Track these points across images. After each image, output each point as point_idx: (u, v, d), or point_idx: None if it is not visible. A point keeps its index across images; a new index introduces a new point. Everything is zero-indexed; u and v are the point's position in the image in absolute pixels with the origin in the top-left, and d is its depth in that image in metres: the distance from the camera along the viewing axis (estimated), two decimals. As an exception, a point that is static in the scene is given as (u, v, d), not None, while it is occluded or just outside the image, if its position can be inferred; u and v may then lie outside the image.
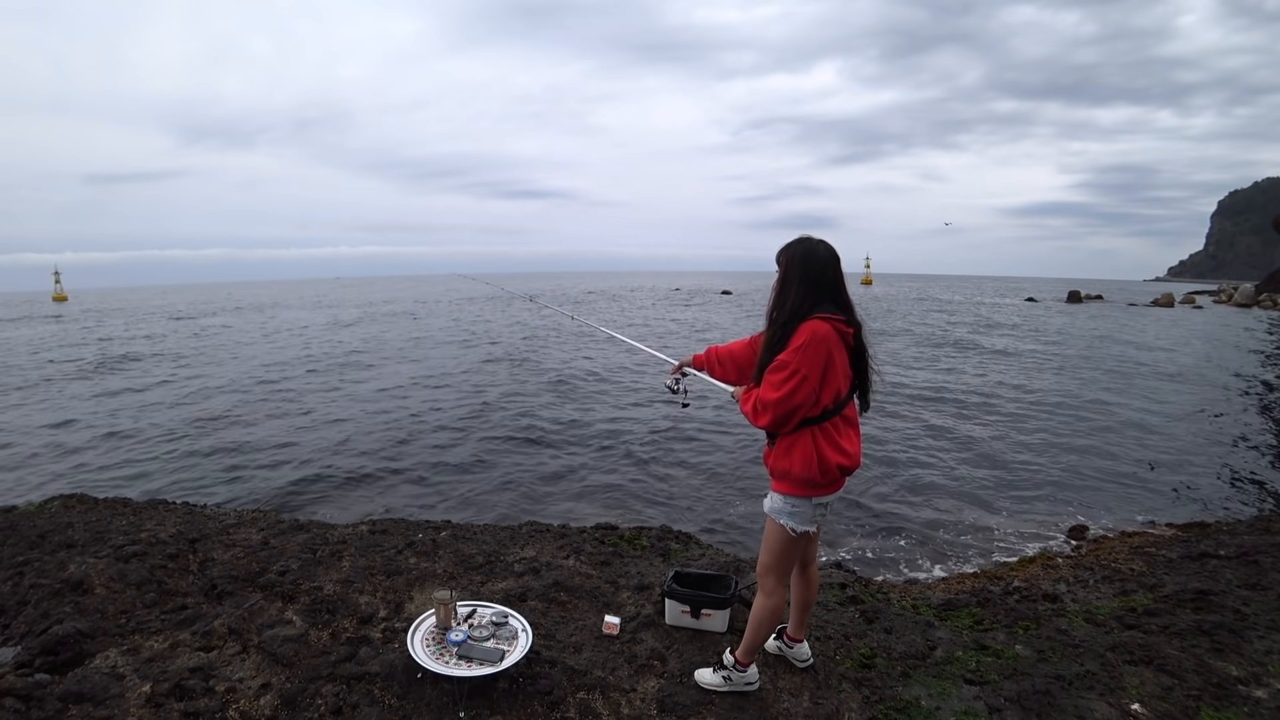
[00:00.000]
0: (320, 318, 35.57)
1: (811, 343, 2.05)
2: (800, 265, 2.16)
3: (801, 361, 2.04)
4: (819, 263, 2.15)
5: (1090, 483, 7.37)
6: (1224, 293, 53.78)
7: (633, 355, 18.15)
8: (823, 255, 2.16)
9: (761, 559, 2.37)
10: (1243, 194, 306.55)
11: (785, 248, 2.21)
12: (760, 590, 2.40)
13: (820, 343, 2.06)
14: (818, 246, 2.18)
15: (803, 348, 2.05)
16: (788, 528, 2.23)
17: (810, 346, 2.05)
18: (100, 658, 2.68)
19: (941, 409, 11.24)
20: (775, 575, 2.35)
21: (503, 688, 2.49)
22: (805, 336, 2.06)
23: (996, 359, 17.76)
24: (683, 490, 7.22)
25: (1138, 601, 3.49)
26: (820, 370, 2.06)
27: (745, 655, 2.50)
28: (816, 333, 2.06)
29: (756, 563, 2.50)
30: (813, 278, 2.14)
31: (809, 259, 2.16)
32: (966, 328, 27.63)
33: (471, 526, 4.66)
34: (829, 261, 2.17)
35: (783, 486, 2.21)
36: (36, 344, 24.51)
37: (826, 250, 2.17)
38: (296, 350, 20.43)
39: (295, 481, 7.52)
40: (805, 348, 2.05)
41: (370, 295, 67.54)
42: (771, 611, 2.39)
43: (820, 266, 2.15)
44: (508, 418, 10.63)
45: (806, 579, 2.57)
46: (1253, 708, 2.45)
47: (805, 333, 2.07)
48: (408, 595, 3.32)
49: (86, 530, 4.16)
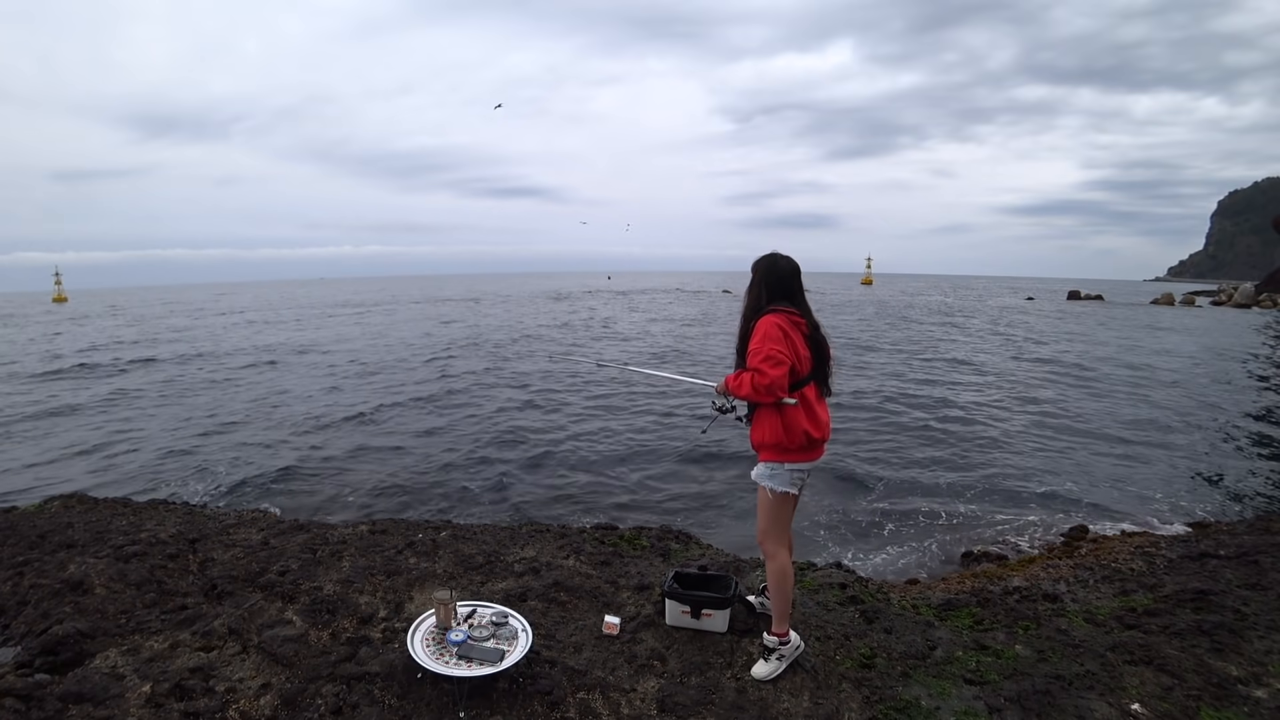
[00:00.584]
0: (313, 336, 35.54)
1: (768, 329, 2.53)
2: (765, 273, 2.66)
3: (765, 342, 2.50)
4: (779, 272, 2.65)
5: (1090, 483, 7.37)
6: (1224, 293, 53.76)
7: (629, 358, 18.15)
8: (783, 267, 2.66)
9: (758, 525, 2.75)
10: (1243, 194, 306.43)
11: (756, 261, 2.71)
12: (765, 556, 2.75)
13: (774, 327, 2.52)
14: (780, 261, 2.67)
15: (763, 335, 2.52)
16: (768, 489, 2.63)
17: (767, 332, 2.52)
18: (100, 658, 2.68)
19: (942, 410, 11.24)
20: (772, 538, 2.70)
21: (503, 688, 2.49)
22: (762, 327, 2.54)
23: (996, 360, 17.76)
24: (683, 490, 7.22)
25: (1138, 601, 3.49)
26: (783, 342, 2.49)
27: (779, 625, 2.72)
28: (771, 321, 2.54)
29: (759, 552, 2.83)
30: (773, 283, 2.64)
31: (771, 269, 2.66)
32: (965, 330, 27.63)
33: (471, 526, 4.66)
34: (788, 273, 2.66)
35: (762, 455, 2.64)
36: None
37: (788, 264, 2.67)
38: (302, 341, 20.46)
39: (297, 480, 7.53)
40: (764, 334, 2.52)
41: (342, 297, 67.48)
42: (781, 573, 2.68)
43: (780, 276, 2.65)
44: (507, 418, 10.63)
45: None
46: (1253, 708, 2.46)
47: (762, 324, 2.55)
48: (408, 595, 3.32)
49: (86, 530, 4.15)
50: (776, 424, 2.55)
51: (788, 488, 2.62)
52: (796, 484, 2.64)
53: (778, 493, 2.62)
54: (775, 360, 2.45)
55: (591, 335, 24.69)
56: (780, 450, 2.56)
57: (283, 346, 21.69)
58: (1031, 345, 21.29)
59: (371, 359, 18.06)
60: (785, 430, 2.53)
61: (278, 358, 18.66)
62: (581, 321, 30.69)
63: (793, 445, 2.54)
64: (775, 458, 2.59)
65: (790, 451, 2.56)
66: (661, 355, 18.43)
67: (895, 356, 17.96)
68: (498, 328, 27.50)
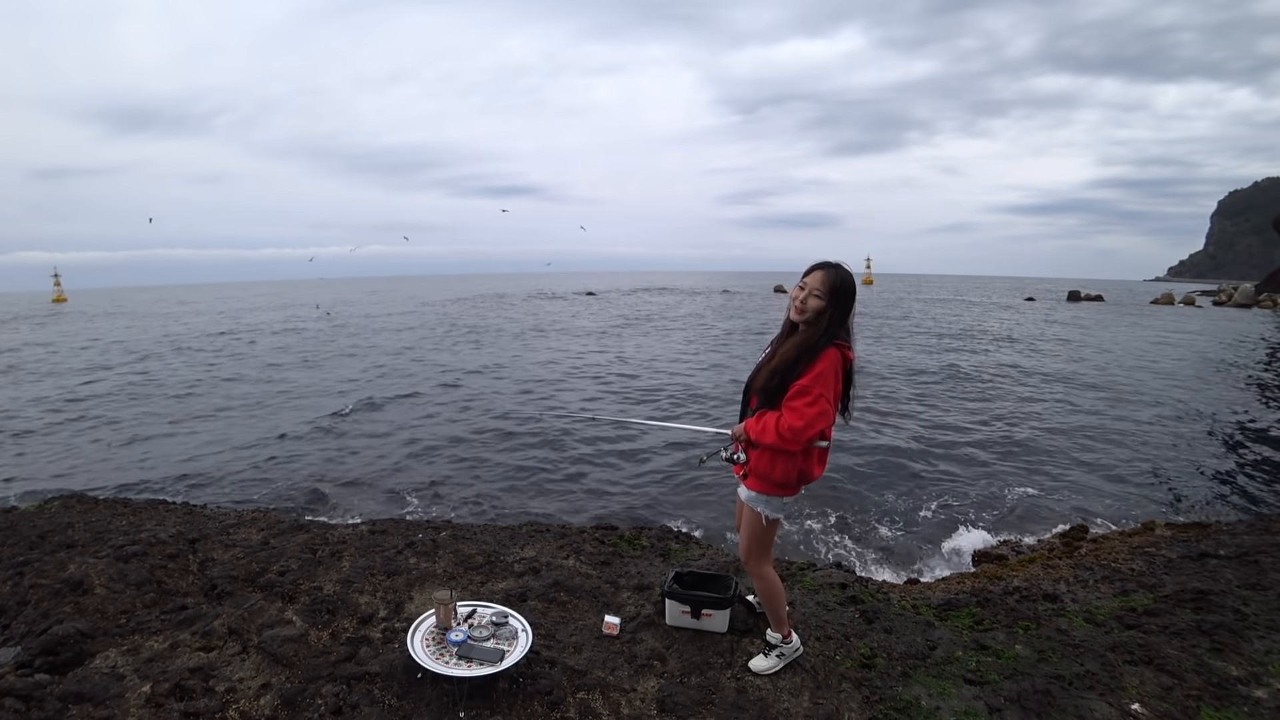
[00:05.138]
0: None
1: (830, 370, 2.28)
2: (841, 296, 2.35)
3: (824, 388, 2.26)
4: (850, 293, 2.38)
5: (1090, 483, 7.37)
6: (1224, 293, 53.73)
7: (626, 359, 18.16)
8: (851, 287, 2.38)
9: (742, 543, 2.69)
10: (1243, 194, 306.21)
11: (828, 274, 2.36)
12: (752, 576, 2.69)
13: (835, 371, 2.29)
14: (849, 278, 2.39)
15: (822, 375, 2.26)
16: (763, 515, 2.54)
17: (829, 374, 2.27)
18: (100, 658, 2.68)
19: (941, 411, 11.24)
20: (756, 557, 2.64)
21: (503, 688, 2.49)
22: (827, 364, 2.27)
23: (996, 360, 17.76)
24: (683, 490, 7.22)
25: (1138, 601, 3.48)
26: (835, 394, 2.31)
27: (779, 627, 2.73)
28: (834, 361, 2.29)
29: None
30: (846, 308, 2.37)
31: (847, 291, 2.36)
32: (963, 329, 27.63)
33: (471, 526, 4.66)
34: (854, 292, 2.40)
35: (756, 485, 2.51)
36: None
37: (853, 282, 2.40)
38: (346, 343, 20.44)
39: (297, 480, 7.52)
40: (824, 375, 2.26)
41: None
42: (770, 589, 2.66)
43: (850, 297, 2.38)
44: (507, 418, 10.63)
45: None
46: (1253, 708, 2.45)
47: (828, 360, 2.28)
48: (408, 595, 3.32)
49: (86, 530, 4.16)
50: (791, 467, 2.41)
51: (780, 514, 2.57)
52: (784, 511, 2.59)
53: (770, 519, 2.55)
54: (823, 411, 2.24)
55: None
56: (775, 486, 2.47)
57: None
58: (1031, 346, 21.29)
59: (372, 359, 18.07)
60: (791, 473, 2.43)
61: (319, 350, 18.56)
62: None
63: (790, 483, 2.46)
64: (766, 490, 2.49)
65: (783, 488, 2.48)
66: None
67: (895, 359, 17.95)
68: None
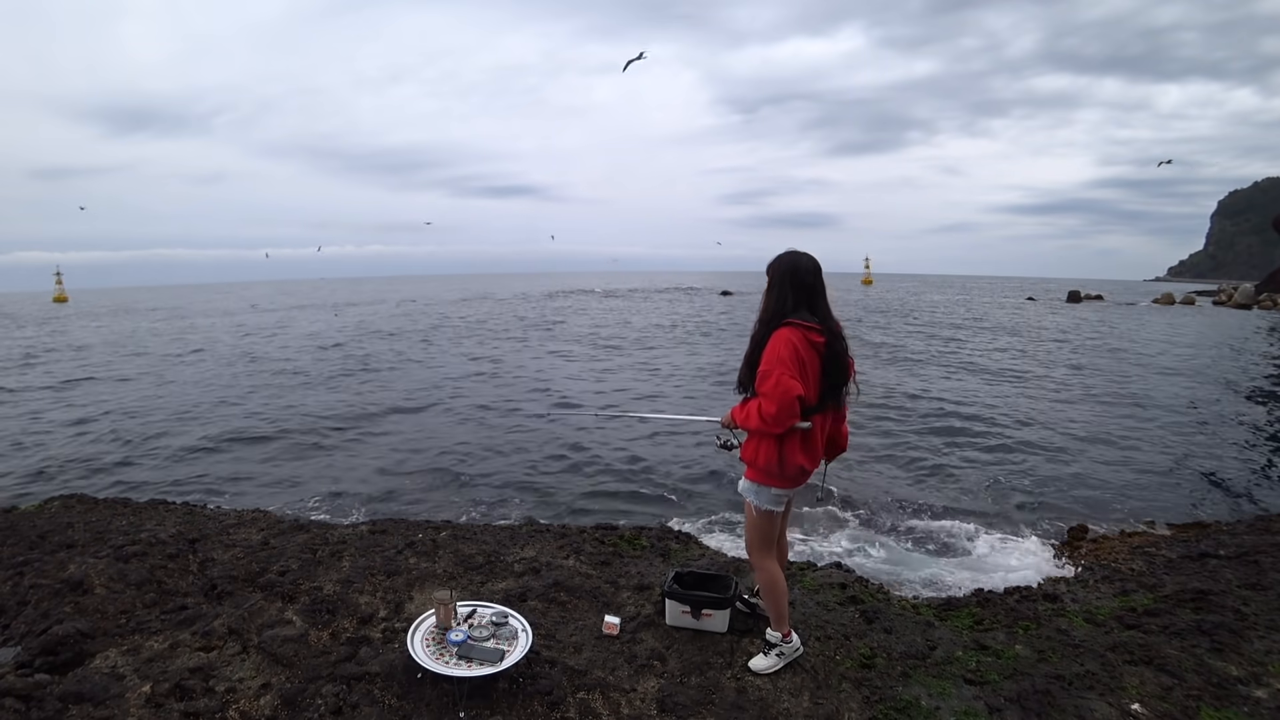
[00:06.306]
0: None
1: (784, 347, 2.33)
2: (785, 275, 2.45)
3: (779, 367, 2.32)
4: (801, 271, 2.44)
5: (1090, 483, 7.37)
6: (1224, 293, 53.70)
7: (624, 361, 18.15)
8: (805, 265, 2.45)
9: (746, 536, 2.75)
10: (1243, 194, 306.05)
11: (775, 259, 2.51)
12: (753, 568, 2.76)
13: (788, 345, 2.33)
14: (801, 258, 2.47)
15: (776, 355, 2.33)
16: (754, 506, 2.59)
17: (783, 351, 2.33)
18: (100, 658, 2.68)
19: (941, 411, 11.24)
20: (757, 550, 2.68)
21: (503, 688, 2.49)
22: (777, 343, 2.35)
23: (995, 360, 17.76)
24: (682, 491, 7.22)
25: (1138, 601, 3.48)
26: (797, 368, 2.33)
27: (779, 625, 2.73)
28: (788, 338, 2.35)
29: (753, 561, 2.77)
30: (794, 284, 2.43)
31: (794, 270, 2.45)
32: (963, 330, 27.62)
33: (471, 526, 4.66)
34: (810, 271, 2.45)
35: (749, 474, 2.58)
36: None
37: (809, 261, 2.47)
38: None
39: (298, 480, 7.53)
40: (778, 354, 2.33)
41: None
42: (770, 582, 2.68)
43: (802, 274, 2.44)
44: (506, 418, 10.63)
45: (780, 548, 2.92)
46: (1253, 708, 2.45)
47: (778, 338, 2.36)
48: (408, 595, 3.31)
49: (86, 530, 4.15)
50: (771, 451, 2.44)
51: (771, 506, 2.58)
52: (780, 504, 2.60)
53: (762, 510, 2.58)
54: (786, 388, 2.27)
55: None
56: (767, 475, 2.49)
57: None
58: (1032, 347, 21.29)
59: (366, 358, 18.07)
60: (779, 459, 2.43)
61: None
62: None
63: (782, 474, 2.47)
64: (760, 480, 2.52)
65: (777, 478, 2.49)
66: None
67: (896, 359, 17.95)
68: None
